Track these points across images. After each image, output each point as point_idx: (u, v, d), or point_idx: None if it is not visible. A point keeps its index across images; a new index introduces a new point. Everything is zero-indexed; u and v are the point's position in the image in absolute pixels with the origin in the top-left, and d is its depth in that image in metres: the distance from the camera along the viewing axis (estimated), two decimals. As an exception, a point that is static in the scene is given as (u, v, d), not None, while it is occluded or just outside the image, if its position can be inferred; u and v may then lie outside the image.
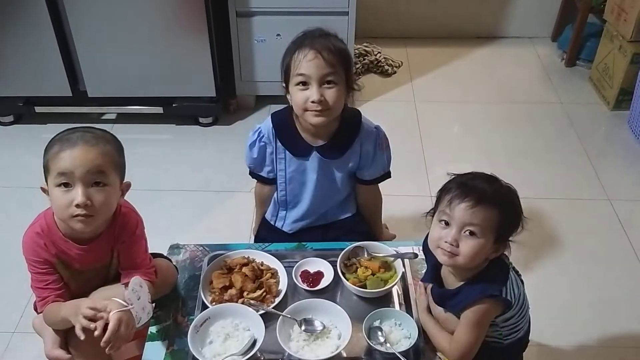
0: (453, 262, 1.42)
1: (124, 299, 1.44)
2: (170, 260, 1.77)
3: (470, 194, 1.38)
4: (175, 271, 1.74)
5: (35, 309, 1.76)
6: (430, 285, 1.58)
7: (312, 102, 1.69)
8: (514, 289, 1.46)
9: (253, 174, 1.97)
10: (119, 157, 1.51)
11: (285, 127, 1.85)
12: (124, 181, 1.55)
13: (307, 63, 1.68)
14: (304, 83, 1.70)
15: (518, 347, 1.60)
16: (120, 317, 1.40)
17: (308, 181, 1.91)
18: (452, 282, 1.50)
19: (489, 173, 1.46)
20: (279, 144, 1.86)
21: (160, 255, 1.77)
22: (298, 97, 1.72)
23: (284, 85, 1.80)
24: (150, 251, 1.67)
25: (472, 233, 1.38)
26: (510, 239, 1.44)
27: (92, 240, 1.54)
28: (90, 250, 1.54)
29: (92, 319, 1.40)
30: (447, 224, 1.41)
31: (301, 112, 1.74)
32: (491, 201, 1.38)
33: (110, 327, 1.38)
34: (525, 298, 1.54)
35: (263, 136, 1.87)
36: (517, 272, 1.56)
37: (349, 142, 1.85)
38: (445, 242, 1.40)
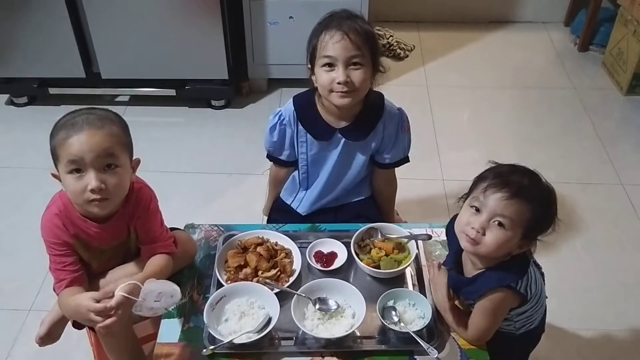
0: (475, 250, 1.40)
1: (140, 291, 1.44)
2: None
3: (507, 185, 1.36)
4: (195, 243, 1.76)
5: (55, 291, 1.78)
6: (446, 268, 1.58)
7: (338, 83, 1.69)
8: (532, 286, 1.45)
9: (271, 157, 1.98)
10: (125, 136, 1.51)
11: (307, 110, 1.85)
12: (134, 158, 1.55)
13: (333, 45, 1.68)
14: (330, 64, 1.70)
15: (532, 336, 1.61)
16: (121, 300, 1.41)
17: (328, 163, 1.91)
18: (469, 269, 1.50)
19: (531, 169, 1.43)
20: (300, 127, 1.86)
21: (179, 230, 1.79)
22: (324, 78, 1.72)
23: (309, 66, 1.79)
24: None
25: (500, 224, 1.36)
26: (539, 238, 1.42)
27: (109, 218, 1.55)
28: (108, 228, 1.55)
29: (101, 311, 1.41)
30: (477, 210, 1.39)
31: (326, 94, 1.74)
32: (527, 196, 1.35)
33: (112, 302, 1.40)
34: (543, 292, 1.54)
35: (284, 119, 1.87)
36: (538, 266, 1.54)
37: (373, 124, 1.85)
38: (472, 228, 1.38)
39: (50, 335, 1.68)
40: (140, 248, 1.62)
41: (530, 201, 1.35)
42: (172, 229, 1.73)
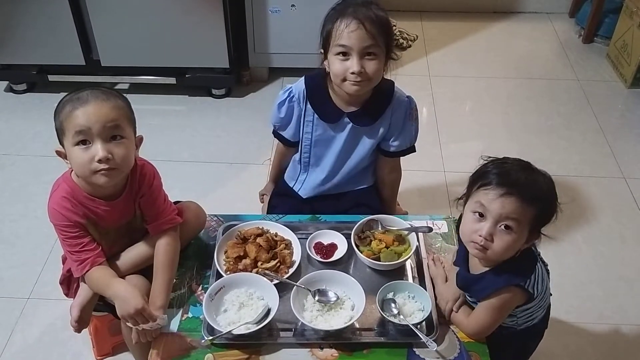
0: (485, 256, 1.38)
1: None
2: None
3: (508, 185, 1.32)
4: (204, 212, 1.79)
5: (62, 282, 1.78)
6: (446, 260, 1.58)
7: (352, 73, 1.67)
8: (539, 284, 1.44)
9: (276, 133, 1.96)
10: (130, 111, 1.53)
11: (317, 91, 1.83)
12: (137, 135, 1.56)
13: (349, 34, 1.65)
14: (345, 54, 1.68)
15: (533, 332, 1.60)
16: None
17: (333, 147, 1.90)
18: (475, 265, 1.49)
19: (524, 160, 1.41)
20: (308, 106, 1.85)
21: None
22: (337, 67, 1.70)
23: (321, 51, 1.77)
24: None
25: (507, 227, 1.33)
26: (543, 230, 1.40)
27: (117, 196, 1.56)
28: (116, 206, 1.56)
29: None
30: (481, 215, 1.35)
31: (339, 82, 1.72)
32: (530, 194, 1.32)
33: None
34: (548, 289, 1.53)
35: (293, 96, 1.86)
36: (544, 262, 1.53)
37: (381, 110, 1.83)
38: (480, 235, 1.35)
39: (83, 318, 1.65)
40: (148, 227, 1.63)
41: (533, 199, 1.33)
42: (176, 202, 1.74)
